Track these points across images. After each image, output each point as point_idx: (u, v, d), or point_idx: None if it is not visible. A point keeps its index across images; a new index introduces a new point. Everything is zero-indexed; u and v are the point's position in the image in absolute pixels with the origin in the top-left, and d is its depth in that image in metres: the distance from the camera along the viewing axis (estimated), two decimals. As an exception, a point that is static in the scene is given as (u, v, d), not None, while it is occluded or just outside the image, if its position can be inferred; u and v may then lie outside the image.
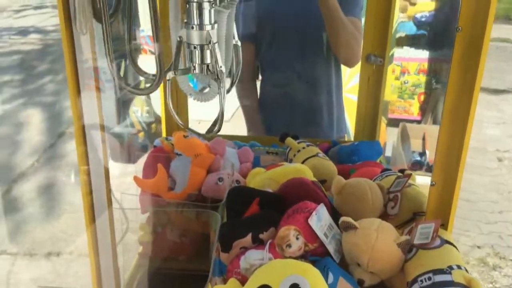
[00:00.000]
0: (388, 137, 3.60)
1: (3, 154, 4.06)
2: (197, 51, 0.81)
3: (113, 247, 1.00)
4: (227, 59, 0.93)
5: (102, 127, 0.92)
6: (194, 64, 0.83)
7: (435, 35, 3.96)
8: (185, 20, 0.81)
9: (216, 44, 0.82)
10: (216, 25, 0.82)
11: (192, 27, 0.80)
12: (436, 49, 3.88)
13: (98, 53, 0.88)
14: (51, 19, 9.00)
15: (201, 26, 0.80)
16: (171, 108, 0.93)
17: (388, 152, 3.02)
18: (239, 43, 0.95)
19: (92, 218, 0.95)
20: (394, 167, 1.29)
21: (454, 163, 0.85)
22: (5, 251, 2.86)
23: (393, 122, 3.97)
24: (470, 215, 3.21)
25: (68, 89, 0.88)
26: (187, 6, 0.79)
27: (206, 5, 0.79)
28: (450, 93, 0.83)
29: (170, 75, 0.84)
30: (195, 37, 0.80)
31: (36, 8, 10.22)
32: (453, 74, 0.82)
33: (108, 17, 0.82)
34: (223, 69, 0.83)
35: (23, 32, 8.32)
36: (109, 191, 0.96)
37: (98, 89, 0.90)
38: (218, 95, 0.84)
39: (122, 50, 0.89)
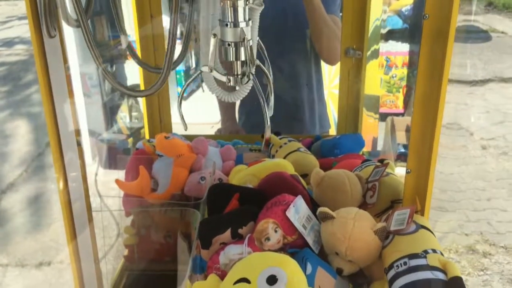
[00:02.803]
0: (379, 131, 3.62)
1: (-9, 166, 4.03)
2: (231, 49, 0.82)
3: (94, 254, 0.99)
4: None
5: (78, 133, 0.92)
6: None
7: (414, 27, 3.99)
8: (219, 18, 0.81)
9: (251, 41, 0.82)
10: (250, 23, 0.82)
11: (227, 25, 0.80)
12: (414, 41, 3.91)
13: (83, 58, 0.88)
14: (35, 29, 8.92)
15: (235, 23, 0.80)
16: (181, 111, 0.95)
17: (380, 147, 3.04)
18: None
19: (72, 226, 0.94)
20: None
21: (427, 150, 0.85)
22: (-4, 263, 2.84)
23: (383, 117, 3.98)
24: (458, 204, 3.24)
25: (41, 96, 0.87)
26: (221, 4, 0.80)
27: (240, 3, 0.79)
28: (420, 81, 0.84)
29: (205, 69, 0.84)
30: (230, 35, 0.81)
31: (21, 18, 10.14)
32: (422, 62, 0.83)
33: (85, 20, 0.82)
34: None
35: (9, 43, 8.27)
36: (87, 197, 0.95)
37: (71, 93, 0.90)
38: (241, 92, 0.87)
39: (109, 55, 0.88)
